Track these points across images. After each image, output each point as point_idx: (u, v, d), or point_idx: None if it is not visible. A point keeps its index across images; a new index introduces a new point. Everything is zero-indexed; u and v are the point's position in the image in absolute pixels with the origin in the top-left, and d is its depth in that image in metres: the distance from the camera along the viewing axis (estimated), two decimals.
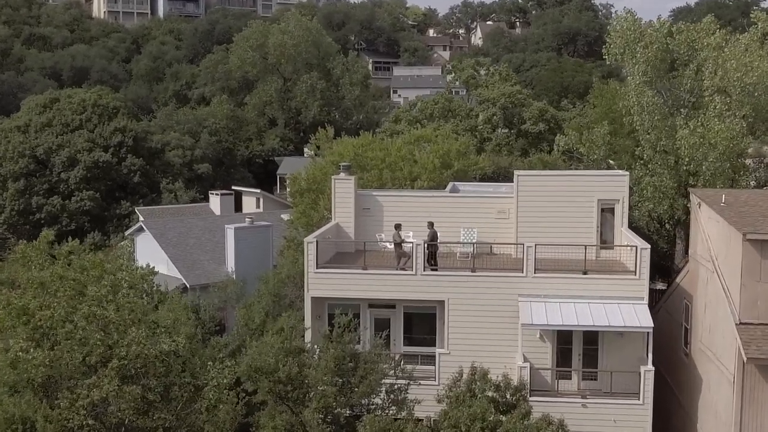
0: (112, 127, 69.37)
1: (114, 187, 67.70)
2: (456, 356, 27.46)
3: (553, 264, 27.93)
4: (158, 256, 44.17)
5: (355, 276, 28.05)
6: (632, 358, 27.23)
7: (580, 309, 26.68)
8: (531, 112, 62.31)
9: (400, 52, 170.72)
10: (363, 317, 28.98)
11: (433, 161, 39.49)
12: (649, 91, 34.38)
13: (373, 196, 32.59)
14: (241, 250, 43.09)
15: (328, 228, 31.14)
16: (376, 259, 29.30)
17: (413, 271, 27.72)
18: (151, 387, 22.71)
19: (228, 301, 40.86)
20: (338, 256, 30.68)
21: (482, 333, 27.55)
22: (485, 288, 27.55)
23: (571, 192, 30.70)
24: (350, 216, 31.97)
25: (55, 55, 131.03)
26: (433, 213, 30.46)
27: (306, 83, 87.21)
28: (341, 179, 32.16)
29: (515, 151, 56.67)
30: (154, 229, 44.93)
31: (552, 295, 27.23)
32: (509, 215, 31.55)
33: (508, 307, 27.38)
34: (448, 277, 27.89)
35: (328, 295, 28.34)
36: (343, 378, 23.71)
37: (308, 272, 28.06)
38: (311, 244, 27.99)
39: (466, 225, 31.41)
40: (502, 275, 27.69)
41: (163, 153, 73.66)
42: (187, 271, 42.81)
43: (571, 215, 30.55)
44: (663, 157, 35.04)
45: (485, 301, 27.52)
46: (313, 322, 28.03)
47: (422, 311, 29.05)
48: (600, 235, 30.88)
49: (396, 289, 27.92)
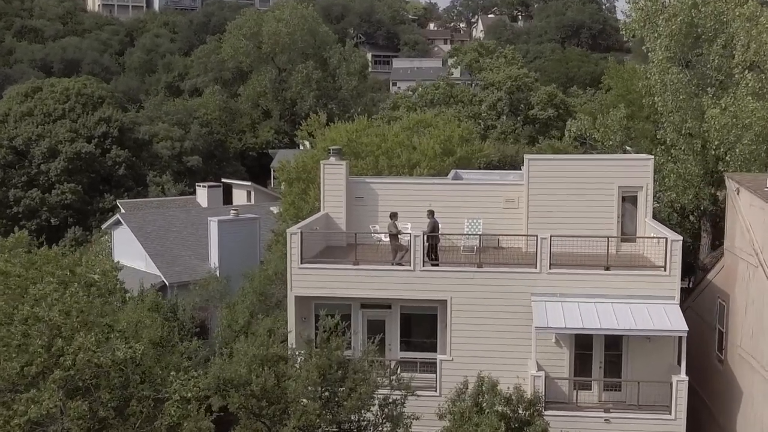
0: (97, 117, 65.99)
1: (97, 180, 64.32)
2: (460, 363, 24.14)
3: (569, 259, 24.58)
4: (136, 251, 40.87)
5: (345, 272, 24.70)
6: (661, 365, 23.88)
7: (602, 310, 23.32)
8: (539, 97, 58.57)
9: (400, 46, 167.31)
10: (354, 319, 25.65)
11: (434, 147, 36.12)
12: (673, 68, 30.95)
13: (366, 184, 29.24)
14: (225, 245, 39.74)
15: (315, 218, 27.78)
16: (369, 254, 25.97)
17: (411, 267, 24.37)
18: (103, 401, 19.34)
19: (210, 300, 37.63)
20: (327, 251, 27.33)
21: (490, 337, 24.21)
22: (493, 286, 24.20)
23: (589, 178, 27.36)
24: (341, 205, 28.63)
25: (46, 47, 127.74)
26: (434, 202, 27.14)
27: (301, 73, 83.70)
28: (331, 164, 28.82)
29: (522, 139, 53.15)
30: (131, 222, 41.55)
31: (569, 293, 23.87)
32: (518, 205, 28.26)
33: (520, 308, 24.03)
34: (450, 273, 24.53)
35: (314, 293, 24.99)
36: (328, 390, 20.34)
37: (292, 268, 24.70)
38: (295, 235, 24.63)
39: (470, 216, 28.14)
40: (513, 271, 24.32)
41: (150, 144, 70.29)
42: (167, 267, 39.45)
43: (589, 204, 27.23)
44: (688, 141, 31.65)
45: (493, 301, 24.18)
46: (297, 324, 24.67)
47: (421, 312, 25.71)
48: (621, 226, 27.55)
49: (391, 287, 24.57)
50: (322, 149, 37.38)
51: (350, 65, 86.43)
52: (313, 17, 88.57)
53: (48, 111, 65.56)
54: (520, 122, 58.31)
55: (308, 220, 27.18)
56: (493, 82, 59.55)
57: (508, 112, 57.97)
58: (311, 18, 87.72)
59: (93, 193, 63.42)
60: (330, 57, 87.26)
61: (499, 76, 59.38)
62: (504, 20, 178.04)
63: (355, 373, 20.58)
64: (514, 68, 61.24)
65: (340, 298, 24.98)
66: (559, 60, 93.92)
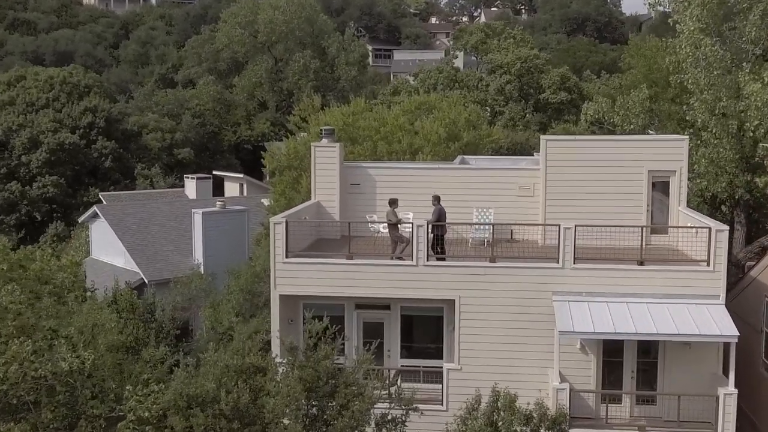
0: (82, 107, 62.70)
1: (82, 173, 61.01)
2: (469, 373, 20.89)
3: (594, 253, 21.29)
4: (114, 246, 37.66)
5: (337, 268, 21.42)
6: (702, 375, 20.61)
7: (636, 311, 20.02)
8: (551, 79, 54.99)
9: (401, 39, 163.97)
10: (348, 321, 22.42)
11: (438, 132, 32.82)
12: (706, 39, 27.63)
13: (363, 169, 26.00)
14: (211, 239, 36.55)
15: (305, 207, 24.52)
16: (365, 247, 22.73)
17: (413, 261, 21.09)
18: (45, 422, 16.14)
19: (194, 299, 34.43)
20: (319, 244, 24.07)
21: (504, 343, 20.94)
22: (508, 283, 20.90)
23: (614, 162, 24.11)
24: (334, 193, 25.38)
25: (38, 39, 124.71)
26: (439, 190, 23.83)
27: (298, 62, 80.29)
28: (323, 147, 25.55)
29: (532, 126, 49.68)
30: (109, 214, 38.30)
31: (596, 292, 20.59)
32: (534, 192, 25.01)
33: (539, 309, 20.75)
34: (458, 268, 21.24)
35: (302, 292, 21.71)
36: (316, 407, 17.11)
37: (276, 262, 21.42)
38: (279, 225, 21.35)
39: (480, 205, 24.89)
40: (531, 267, 21.02)
41: (139, 136, 66.98)
42: (146, 263, 36.20)
43: (614, 191, 24.03)
44: (722, 122, 28.33)
45: (508, 301, 20.90)
46: (282, 328, 21.40)
47: (425, 313, 22.47)
48: (650, 216, 24.30)
49: (391, 285, 21.29)
50: (315, 135, 34.12)
51: (349, 55, 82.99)
52: (311, 5, 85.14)
53: (31, 100, 62.33)
54: (530, 108, 54.71)
55: (296, 209, 23.91)
56: (501, 64, 55.80)
57: (517, 96, 54.31)
58: (309, 6, 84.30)
59: (77, 187, 60.16)
60: (328, 46, 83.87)
61: (507, 57, 55.67)
62: (507, 13, 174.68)
63: (348, 387, 17.33)
64: (524, 49, 57.55)
65: (331, 297, 21.73)
66: (566, 50, 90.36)
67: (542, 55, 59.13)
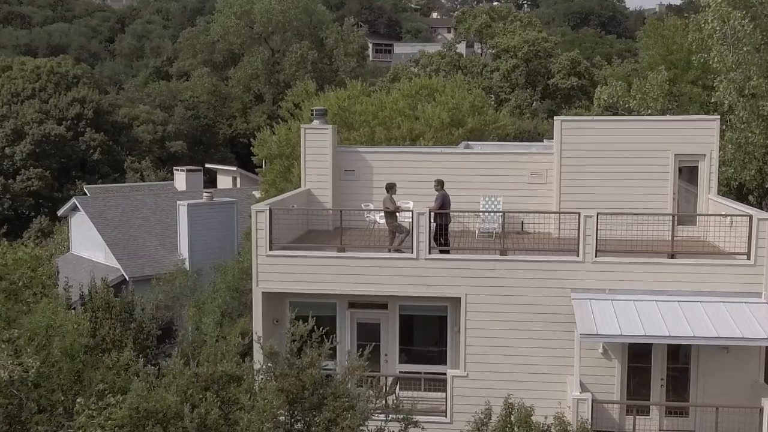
0: (70, 98, 60.22)
1: (69, 166, 58.57)
2: (477, 381, 18.48)
3: (616, 245, 18.86)
4: (95, 240, 35.23)
5: (327, 261, 18.99)
6: (742, 383, 18.17)
7: (667, 310, 17.58)
8: (561, 64, 52.39)
9: (402, 34, 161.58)
10: (340, 322, 20.01)
11: (440, 117, 30.38)
12: (736, 12, 25.20)
13: (358, 154, 23.60)
14: (197, 233, 34.09)
15: (293, 195, 22.13)
16: (360, 238, 20.34)
17: (413, 254, 18.65)
18: None
19: (179, 297, 32.03)
20: (309, 236, 21.66)
21: (516, 347, 18.52)
22: (521, 279, 18.47)
23: (637, 145, 21.71)
24: (326, 180, 22.97)
25: (32, 32, 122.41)
26: (443, 177, 21.37)
27: (296, 53, 77.85)
28: (314, 129, 23.14)
29: (540, 113, 47.09)
30: (90, 207, 35.86)
31: (621, 289, 18.17)
32: (547, 179, 22.62)
33: (557, 308, 18.32)
34: (465, 262, 18.78)
35: (288, 289, 19.28)
36: (300, 422, 14.71)
37: (258, 255, 19.00)
38: (262, 213, 18.92)
39: (487, 193, 22.50)
40: (548, 260, 18.57)
41: (130, 128, 64.56)
42: (128, 259, 33.77)
43: (636, 177, 21.67)
44: (751, 104, 25.92)
45: (521, 299, 18.46)
46: (266, 329, 18.98)
47: (427, 313, 20.07)
48: (677, 204, 21.90)
49: (388, 281, 18.85)
50: (308, 120, 31.73)
51: (348, 46, 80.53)
52: None
53: (16, 90, 59.87)
54: (537, 95, 52.10)
55: (283, 196, 21.53)
56: (507, 48, 53.10)
57: (524, 83, 51.66)
58: None
59: (64, 180, 57.71)
60: (326, 37, 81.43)
61: (514, 40, 52.98)
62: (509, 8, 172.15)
63: (337, 398, 14.91)
64: (532, 32, 54.85)
65: (321, 295, 19.31)
66: (572, 41, 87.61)
67: (551, 38, 56.45)
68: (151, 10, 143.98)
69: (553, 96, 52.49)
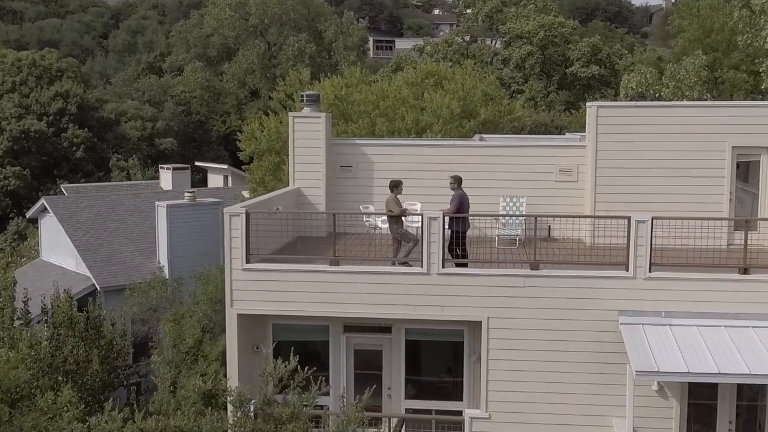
0: (52, 92, 56.80)
1: (50, 164, 55.12)
2: (502, 424, 15.01)
3: (671, 256, 15.39)
4: (65, 245, 31.75)
5: (317, 277, 15.48)
6: None
7: (739, 338, 14.09)
8: (580, 50, 48.74)
9: (403, 30, 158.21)
10: (334, 348, 16.55)
11: (450, 107, 26.91)
12: None
13: (356, 147, 20.16)
14: (178, 237, 30.61)
15: (278, 195, 18.67)
16: (358, 247, 16.90)
17: (423, 268, 15.16)
18: None
19: (156, 309, 28.62)
20: (296, 245, 18.20)
21: (550, 382, 15.04)
22: (556, 299, 14.98)
23: (688, 135, 18.29)
24: (319, 177, 19.54)
25: (22, 28, 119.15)
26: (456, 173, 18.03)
27: (293, 47, 74.37)
28: (304, 118, 19.70)
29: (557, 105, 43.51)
30: (59, 208, 32.35)
31: (680, 311, 14.69)
32: (577, 176, 19.24)
33: (601, 334, 14.85)
34: (487, 278, 15.26)
35: (269, 310, 15.79)
36: None
37: (232, 269, 15.53)
38: (236, 218, 15.46)
39: (508, 192, 19.14)
40: (589, 276, 15.07)
41: (117, 124, 61.10)
42: (100, 266, 30.27)
43: (686, 174, 18.29)
44: None
45: (556, 324, 14.99)
46: (242, 359, 15.52)
47: (439, 338, 16.61)
48: (734, 205, 18.48)
49: (393, 301, 15.35)
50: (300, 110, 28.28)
51: (348, 39, 77.05)
52: None
53: None
54: (554, 85, 48.43)
55: (265, 197, 18.09)
56: (521, 33, 49.31)
57: (539, 72, 47.97)
58: None
59: (44, 179, 54.28)
60: (325, 30, 77.93)
61: (528, 25, 49.26)
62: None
63: None
64: (548, 17, 51.04)
65: (311, 317, 15.84)
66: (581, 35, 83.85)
67: (569, 23, 52.74)
68: (147, 5, 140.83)
69: (571, 86, 48.75)
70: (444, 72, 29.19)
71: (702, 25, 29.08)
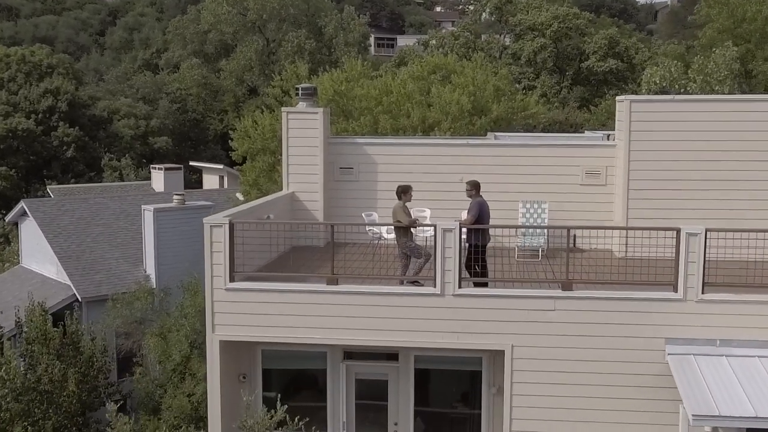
0: (42, 89, 54.70)
1: (39, 164, 53.02)
2: None
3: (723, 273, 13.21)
4: (46, 252, 29.62)
5: (313, 298, 13.30)
6: None
7: None
8: (597, 43, 46.37)
9: (405, 28, 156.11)
10: (333, 377, 14.37)
11: (459, 102, 24.76)
12: None
13: (357, 146, 18.03)
14: (166, 243, 28.47)
15: (270, 201, 16.50)
16: (360, 262, 14.75)
17: (437, 288, 12.99)
18: None
19: (142, 322, 26.52)
20: (292, 256, 16.06)
21: (584, 420, 12.86)
22: (592, 325, 12.81)
23: (737, 134, 16.13)
24: (316, 180, 17.42)
25: (17, 24, 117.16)
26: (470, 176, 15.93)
27: (292, 42, 72.25)
28: (299, 113, 17.55)
29: (571, 102, 41.23)
30: (39, 212, 30.21)
31: (739, 340, 12.53)
32: (606, 180, 17.15)
33: (644, 366, 12.71)
34: (512, 300, 13.08)
35: (257, 337, 13.62)
36: None
37: (213, 289, 13.37)
38: (218, 228, 13.29)
39: (528, 197, 17.04)
40: (632, 297, 12.89)
41: (110, 123, 58.97)
42: (82, 274, 28.14)
43: (735, 178, 16.10)
44: None
45: (592, 353, 12.82)
46: (227, 390, 13.37)
47: (453, 366, 14.43)
48: None
49: (400, 326, 13.18)
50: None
51: (348, 35, 74.94)
52: None
53: None
54: (567, 80, 46.04)
55: (254, 203, 15.92)
56: (532, 25, 46.89)
57: (552, 66, 45.61)
58: None
59: (33, 179, 52.22)
60: (325, 25, 75.82)
61: (541, 17, 46.85)
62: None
63: None
64: (561, 7, 48.51)
65: (306, 344, 13.68)
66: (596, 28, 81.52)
67: (584, 14, 50.31)
68: (145, 2, 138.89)
69: (585, 81, 46.35)
70: (452, 65, 27.00)
71: (732, 14, 26.93)
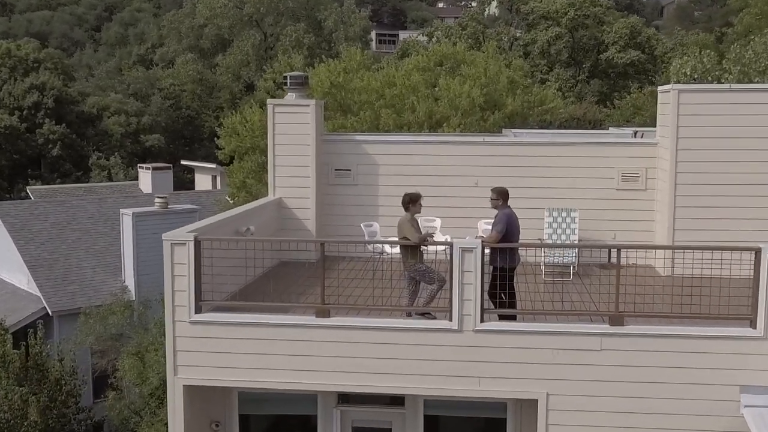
0: (27, 84, 52.26)
1: (24, 162, 50.63)
2: None
3: None
4: (16, 260, 27.12)
5: (299, 333, 10.72)
6: None
7: None
8: (617, 32, 43.58)
9: (407, 24, 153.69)
10: (324, 427, 11.81)
11: (471, 96, 22.19)
12: None
13: (356, 145, 15.48)
14: (146, 251, 25.95)
15: (251, 209, 13.93)
16: (358, 283, 12.18)
17: (453, 322, 10.40)
18: None
19: (120, 339, 24.11)
20: (280, 274, 13.51)
21: None
22: (647, 368, 10.25)
23: None
24: (307, 184, 14.86)
25: (11, 20, 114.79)
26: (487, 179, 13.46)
27: (290, 37, 69.74)
28: (287, 105, 15.00)
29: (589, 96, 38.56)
30: (9, 216, 27.69)
31: None
32: (646, 184, 14.67)
33: (713, 420, 10.14)
34: (545, 337, 10.50)
35: (230, 380, 11.04)
36: None
37: (175, 323, 10.78)
38: (181, 247, 10.69)
39: (555, 204, 14.54)
40: (695, 334, 10.32)
41: (99, 120, 56.51)
42: (54, 285, 25.67)
43: None
44: None
45: (647, 403, 10.26)
46: None
47: (470, 413, 11.87)
48: None
49: (406, 369, 10.60)
50: None
51: (349, 29, 72.46)
52: None
53: None
54: (584, 73, 43.24)
55: (229, 213, 13.34)
56: (546, 13, 44.04)
57: (567, 58, 42.83)
58: None
59: (16, 179, 49.82)
60: (325, 19, 73.31)
61: (556, 4, 43.97)
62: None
63: None
64: None
65: (291, 390, 11.11)
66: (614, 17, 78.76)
67: (602, 1, 47.48)
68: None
69: (604, 74, 43.56)
70: (462, 55, 24.40)
71: None
